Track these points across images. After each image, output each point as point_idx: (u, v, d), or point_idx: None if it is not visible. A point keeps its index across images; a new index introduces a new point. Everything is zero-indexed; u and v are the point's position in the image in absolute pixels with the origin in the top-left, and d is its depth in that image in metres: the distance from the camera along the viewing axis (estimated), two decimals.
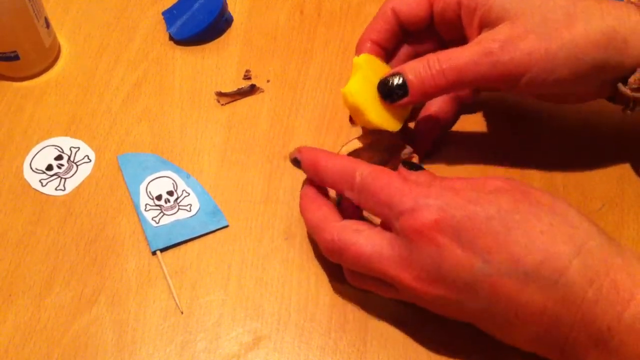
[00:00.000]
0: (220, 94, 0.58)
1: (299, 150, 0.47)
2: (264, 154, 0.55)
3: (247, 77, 0.60)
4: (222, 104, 0.58)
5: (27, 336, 0.47)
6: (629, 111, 0.47)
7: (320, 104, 0.58)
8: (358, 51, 0.50)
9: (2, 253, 0.50)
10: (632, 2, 0.46)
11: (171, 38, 0.62)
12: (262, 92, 0.59)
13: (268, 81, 0.60)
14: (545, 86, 0.45)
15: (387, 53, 0.51)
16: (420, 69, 0.46)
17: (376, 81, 0.47)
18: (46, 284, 0.49)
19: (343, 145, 0.50)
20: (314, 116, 0.57)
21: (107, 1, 0.66)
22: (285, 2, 0.65)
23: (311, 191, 0.47)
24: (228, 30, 0.63)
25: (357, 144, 0.49)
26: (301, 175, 0.48)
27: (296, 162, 0.47)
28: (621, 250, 0.38)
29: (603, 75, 0.46)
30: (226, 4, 0.64)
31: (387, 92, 0.46)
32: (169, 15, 0.63)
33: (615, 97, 0.48)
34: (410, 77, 0.46)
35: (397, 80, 0.46)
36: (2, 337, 0.47)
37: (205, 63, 0.61)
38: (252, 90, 0.59)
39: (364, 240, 0.42)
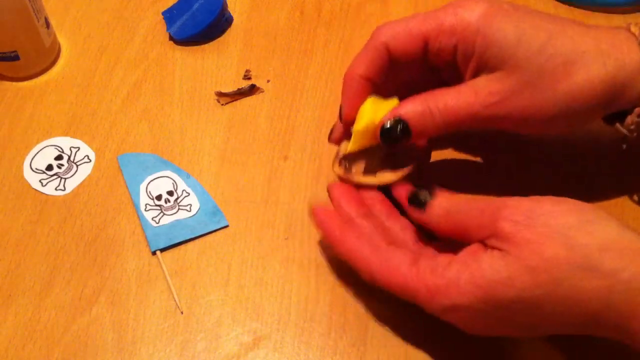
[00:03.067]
0: (220, 94, 0.58)
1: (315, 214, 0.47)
2: (264, 154, 0.55)
3: (247, 77, 0.60)
4: (222, 104, 0.58)
5: (27, 336, 0.47)
6: (625, 145, 0.47)
7: (320, 104, 0.58)
8: (346, 86, 0.48)
9: (2, 253, 0.50)
10: (632, 33, 0.44)
11: (171, 38, 0.62)
12: (262, 92, 0.59)
13: (268, 81, 0.60)
14: (541, 131, 0.47)
15: (375, 86, 0.49)
16: (421, 114, 0.45)
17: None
18: (46, 284, 0.49)
19: (343, 143, 0.49)
20: (314, 116, 0.57)
21: (107, 1, 0.66)
22: (285, 2, 0.65)
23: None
24: (228, 30, 0.63)
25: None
26: (301, 176, 0.48)
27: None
28: None
29: (598, 116, 0.46)
30: (226, 3, 0.64)
31: (390, 139, 0.46)
32: (169, 15, 0.63)
33: (610, 124, 0.48)
34: (413, 122, 0.45)
35: (400, 127, 0.45)
36: (2, 337, 0.47)
37: (205, 63, 0.61)
38: (252, 90, 0.59)
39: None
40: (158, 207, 0.52)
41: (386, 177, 0.48)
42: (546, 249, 0.37)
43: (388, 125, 0.45)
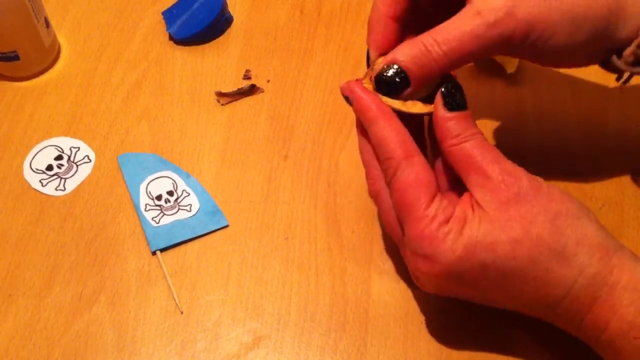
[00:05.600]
0: (220, 94, 0.58)
1: (350, 89, 0.44)
2: (264, 154, 0.55)
3: (247, 77, 0.60)
4: (222, 104, 0.58)
5: (27, 336, 0.47)
6: (622, 83, 0.47)
7: (320, 104, 0.58)
8: (371, 29, 0.45)
9: (2, 253, 0.50)
10: None
11: (171, 38, 0.62)
12: (262, 92, 0.59)
13: (268, 81, 0.60)
14: (542, 52, 0.44)
15: (403, 25, 0.45)
16: (417, 55, 0.42)
17: None
18: (46, 284, 0.49)
19: (380, 59, 0.44)
20: (314, 116, 0.57)
21: (107, 1, 0.66)
22: (285, 1, 0.65)
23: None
24: (228, 30, 0.63)
25: None
26: (301, 175, 0.48)
27: (348, 100, 0.45)
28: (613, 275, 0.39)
29: (599, 43, 0.45)
30: (226, 3, 0.63)
31: (388, 88, 0.43)
32: (169, 15, 0.63)
33: (608, 66, 0.46)
34: (410, 66, 0.42)
35: (391, 72, 0.43)
36: (2, 337, 0.47)
37: (205, 63, 0.61)
38: (252, 90, 0.59)
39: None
40: (158, 207, 0.52)
41: (417, 106, 0.44)
42: (533, 228, 0.39)
43: (383, 73, 0.43)
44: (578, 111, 0.56)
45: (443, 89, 0.43)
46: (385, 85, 0.43)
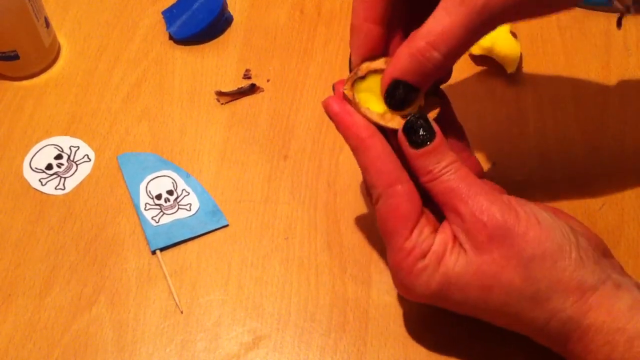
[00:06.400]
0: (220, 94, 0.58)
1: (328, 109, 0.43)
2: (264, 153, 0.55)
3: (247, 76, 0.60)
4: (222, 104, 0.58)
5: (27, 336, 0.47)
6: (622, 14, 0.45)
7: (320, 103, 0.58)
8: (353, 35, 0.44)
9: (2, 253, 0.50)
10: None
11: (171, 37, 0.62)
12: (262, 91, 0.59)
13: (268, 80, 0.59)
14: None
15: (387, 28, 0.43)
16: (417, 67, 0.40)
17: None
18: (46, 284, 0.49)
19: (367, 61, 0.43)
20: (314, 116, 0.57)
21: (107, 1, 0.66)
22: (285, 1, 0.65)
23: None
24: (228, 30, 0.63)
25: (382, 65, 0.43)
26: (301, 175, 0.48)
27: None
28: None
29: None
30: (226, 3, 0.63)
31: (400, 105, 0.42)
32: (169, 15, 0.63)
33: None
34: (414, 79, 0.41)
35: (401, 89, 0.41)
36: (2, 337, 0.47)
37: (205, 63, 0.61)
38: (252, 89, 0.58)
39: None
40: (158, 207, 0.52)
41: (395, 121, 0.42)
42: (505, 274, 0.39)
43: (394, 93, 0.41)
44: (578, 111, 0.56)
45: (403, 127, 0.41)
46: (397, 103, 0.42)
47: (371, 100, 0.43)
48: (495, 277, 0.39)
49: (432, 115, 0.43)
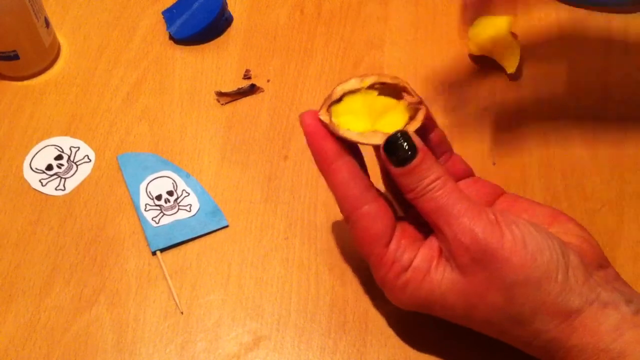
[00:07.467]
0: (220, 94, 0.58)
1: (303, 124, 0.42)
2: (264, 153, 0.55)
3: (247, 76, 0.60)
4: (222, 104, 0.58)
5: (27, 336, 0.47)
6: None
7: (320, 103, 0.58)
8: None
9: (2, 253, 0.50)
10: None
11: (171, 37, 0.62)
12: (262, 91, 0.59)
13: (268, 81, 0.59)
14: None
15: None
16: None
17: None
18: (46, 284, 0.49)
19: (340, 84, 0.43)
20: None
21: (107, 1, 0.66)
22: (285, 1, 0.65)
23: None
24: (228, 30, 0.63)
25: (356, 85, 0.43)
26: (301, 175, 0.48)
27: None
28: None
29: None
30: (226, 3, 0.63)
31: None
32: (169, 15, 0.63)
33: None
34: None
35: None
36: (2, 337, 0.47)
37: (205, 63, 0.61)
38: (252, 89, 0.59)
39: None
40: (158, 207, 0.52)
41: (377, 137, 0.41)
42: (489, 296, 0.39)
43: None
44: (578, 111, 0.56)
45: (384, 147, 0.40)
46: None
47: (351, 121, 0.42)
48: (479, 297, 0.40)
49: (414, 126, 0.42)
